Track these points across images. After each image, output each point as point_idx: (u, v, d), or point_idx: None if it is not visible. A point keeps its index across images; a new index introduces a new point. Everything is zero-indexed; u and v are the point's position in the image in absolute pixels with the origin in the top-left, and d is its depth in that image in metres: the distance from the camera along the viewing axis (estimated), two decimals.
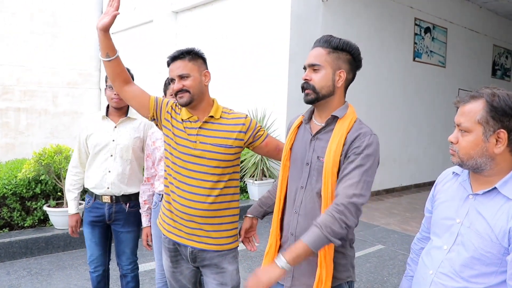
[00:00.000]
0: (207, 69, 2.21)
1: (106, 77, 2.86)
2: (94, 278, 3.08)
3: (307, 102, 1.81)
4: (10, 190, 4.83)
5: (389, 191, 8.53)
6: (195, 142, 2.09)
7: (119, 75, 2.13)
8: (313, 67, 1.80)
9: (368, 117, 7.91)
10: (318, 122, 1.86)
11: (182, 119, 2.17)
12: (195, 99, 2.11)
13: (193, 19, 8.74)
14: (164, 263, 2.34)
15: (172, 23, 9.27)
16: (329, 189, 1.72)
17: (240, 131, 2.13)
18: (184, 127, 2.14)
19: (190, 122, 2.14)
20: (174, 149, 2.15)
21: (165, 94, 2.98)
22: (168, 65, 2.18)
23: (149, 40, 9.93)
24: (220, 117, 2.16)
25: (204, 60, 2.22)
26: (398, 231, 5.98)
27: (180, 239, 2.16)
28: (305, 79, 1.81)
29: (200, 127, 2.11)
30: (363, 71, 8.09)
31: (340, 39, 1.81)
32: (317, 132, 1.83)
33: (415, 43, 8.79)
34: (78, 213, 3.08)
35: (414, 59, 8.84)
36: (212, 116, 2.14)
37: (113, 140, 2.91)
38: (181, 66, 2.11)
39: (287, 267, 1.59)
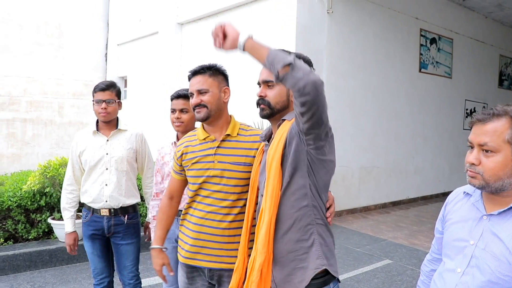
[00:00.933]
0: (227, 85, 2.20)
1: (93, 91, 2.93)
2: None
3: (263, 117, 1.86)
4: (15, 202, 4.81)
5: (395, 204, 8.45)
6: (213, 162, 2.08)
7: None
8: (267, 83, 1.84)
9: (373, 128, 7.88)
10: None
11: (199, 140, 2.16)
12: (212, 115, 2.09)
13: (198, 30, 8.76)
14: (179, 278, 2.30)
15: (178, 34, 9.30)
16: (270, 180, 1.72)
17: (258, 149, 2.09)
18: (201, 149, 2.13)
19: (207, 142, 2.13)
20: (191, 170, 2.14)
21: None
22: (189, 79, 2.16)
23: (154, 51, 9.95)
24: (238, 134, 2.14)
25: (225, 76, 2.20)
26: (406, 245, 5.89)
27: (200, 263, 2.13)
28: (260, 96, 1.85)
29: (218, 147, 2.10)
30: (369, 82, 8.16)
31: (295, 54, 1.78)
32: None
33: (420, 54, 8.76)
34: (75, 231, 3.07)
35: (420, 70, 8.80)
36: (229, 134, 2.12)
37: (107, 154, 2.93)
38: (200, 81, 2.10)
39: (243, 39, 1.67)
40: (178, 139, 2.89)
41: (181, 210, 2.72)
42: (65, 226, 3.06)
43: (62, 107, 11.78)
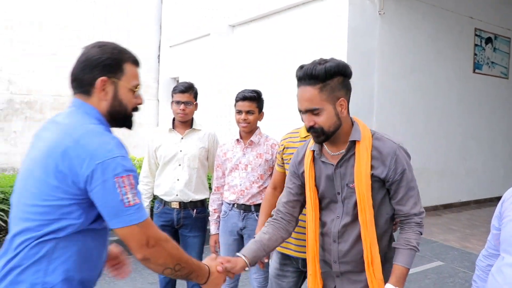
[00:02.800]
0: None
1: (172, 92, 3.11)
2: (162, 279, 3.25)
3: (319, 143, 1.83)
4: None
5: (447, 207, 8.31)
6: None
7: None
8: (312, 112, 1.74)
9: (424, 130, 7.79)
10: (333, 152, 1.86)
11: (300, 137, 2.37)
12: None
13: (250, 32, 8.93)
14: (271, 263, 2.47)
15: (229, 36, 9.51)
16: (366, 213, 1.77)
17: None
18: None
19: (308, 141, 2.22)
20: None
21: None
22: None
23: (206, 53, 10.22)
24: None
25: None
26: (458, 247, 5.82)
27: (292, 252, 2.32)
28: (309, 126, 1.77)
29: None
30: (420, 83, 8.02)
31: (324, 65, 1.70)
32: (340, 160, 1.83)
33: (475, 54, 8.57)
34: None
35: (474, 71, 8.61)
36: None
37: (181, 151, 3.12)
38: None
39: None
40: (241, 137, 3.05)
41: (245, 204, 2.91)
42: None
43: None
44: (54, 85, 11.36)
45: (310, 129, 1.76)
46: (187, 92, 3.09)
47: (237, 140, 3.06)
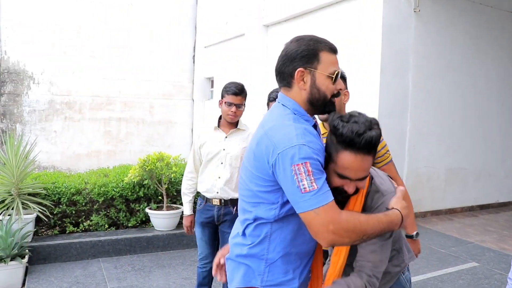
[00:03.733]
0: (346, 88, 2.35)
1: (224, 92, 3.15)
2: (200, 273, 3.37)
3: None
4: (118, 193, 5.31)
5: (483, 207, 8.10)
6: None
7: None
8: (364, 179, 1.63)
9: (461, 129, 7.63)
10: None
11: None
12: None
13: (284, 32, 8.97)
14: None
15: (263, 36, 9.57)
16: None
17: None
18: None
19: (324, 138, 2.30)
20: None
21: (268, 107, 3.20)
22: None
23: (240, 52, 10.32)
24: None
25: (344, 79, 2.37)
26: (495, 249, 5.68)
27: None
28: (353, 191, 1.64)
29: None
30: (457, 82, 7.85)
31: (375, 131, 1.55)
32: None
33: None
34: (192, 214, 3.44)
35: None
36: None
37: (224, 149, 3.20)
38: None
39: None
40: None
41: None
42: (184, 209, 3.49)
43: (152, 107, 12.56)
44: (92, 86, 11.74)
45: (354, 193, 1.65)
46: (240, 94, 3.16)
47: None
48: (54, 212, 5.07)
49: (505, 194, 8.48)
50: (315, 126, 1.67)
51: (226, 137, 3.23)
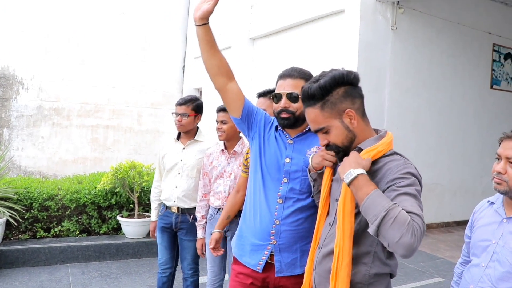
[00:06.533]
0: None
1: (177, 104, 3.33)
2: (160, 279, 3.50)
3: (340, 159, 1.68)
4: (90, 200, 5.38)
5: (460, 223, 8.19)
6: None
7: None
8: (321, 131, 1.67)
9: (438, 146, 7.74)
10: None
11: None
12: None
13: (269, 45, 9.12)
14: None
15: (250, 49, 9.73)
16: (345, 221, 1.59)
17: None
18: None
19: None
20: None
21: None
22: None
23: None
24: None
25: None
26: None
27: None
28: (324, 145, 1.70)
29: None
30: (434, 99, 7.99)
31: (318, 82, 1.61)
32: None
33: (493, 70, 8.47)
34: (156, 220, 3.58)
35: (491, 87, 8.51)
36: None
37: (181, 160, 3.37)
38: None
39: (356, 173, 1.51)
40: (225, 147, 3.21)
41: None
42: (151, 215, 3.68)
43: (141, 115, 12.65)
44: (81, 93, 11.81)
45: (327, 147, 1.70)
46: (184, 104, 3.35)
47: (222, 150, 3.22)
48: (25, 217, 5.13)
49: None
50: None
51: (183, 148, 3.40)
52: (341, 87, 1.63)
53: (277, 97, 2.08)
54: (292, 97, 2.04)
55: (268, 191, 2.10)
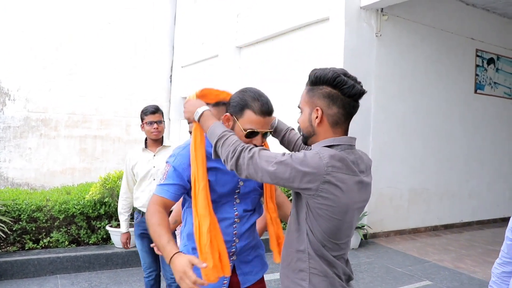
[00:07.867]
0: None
1: (143, 115, 3.46)
2: (147, 282, 3.57)
3: (304, 143, 1.81)
4: (79, 210, 5.37)
5: (447, 227, 8.29)
6: None
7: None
8: (299, 108, 1.79)
9: (424, 150, 7.85)
10: None
11: None
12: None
13: (255, 53, 9.20)
14: None
15: (236, 57, 9.79)
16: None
17: None
18: None
19: None
20: None
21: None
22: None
23: (214, 73, 10.51)
24: None
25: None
26: (450, 268, 5.83)
27: None
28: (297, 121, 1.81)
29: None
30: (419, 104, 8.13)
31: (317, 71, 1.71)
32: None
33: (476, 75, 8.63)
34: (128, 232, 3.68)
35: (475, 91, 8.66)
36: None
37: (154, 166, 3.47)
38: None
39: (201, 111, 1.90)
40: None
41: None
42: (121, 227, 3.73)
43: (129, 125, 12.64)
44: (68, 103, 11.77)
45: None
46: (157, 112, 3.50)
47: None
48: (14, 229, 5.10)
49: (469, 214, 8.69)
50: None
51: (154, 155, 3.51)
52: (328, 87, 1.68)
53: (254, 134, 1.90)
54: (266, 136, 2.00)
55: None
